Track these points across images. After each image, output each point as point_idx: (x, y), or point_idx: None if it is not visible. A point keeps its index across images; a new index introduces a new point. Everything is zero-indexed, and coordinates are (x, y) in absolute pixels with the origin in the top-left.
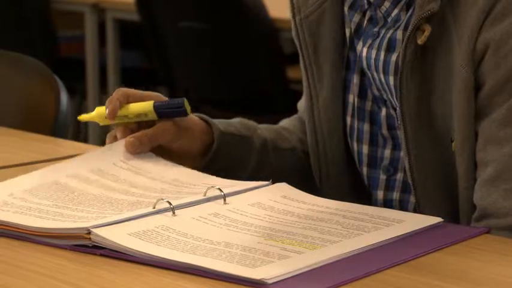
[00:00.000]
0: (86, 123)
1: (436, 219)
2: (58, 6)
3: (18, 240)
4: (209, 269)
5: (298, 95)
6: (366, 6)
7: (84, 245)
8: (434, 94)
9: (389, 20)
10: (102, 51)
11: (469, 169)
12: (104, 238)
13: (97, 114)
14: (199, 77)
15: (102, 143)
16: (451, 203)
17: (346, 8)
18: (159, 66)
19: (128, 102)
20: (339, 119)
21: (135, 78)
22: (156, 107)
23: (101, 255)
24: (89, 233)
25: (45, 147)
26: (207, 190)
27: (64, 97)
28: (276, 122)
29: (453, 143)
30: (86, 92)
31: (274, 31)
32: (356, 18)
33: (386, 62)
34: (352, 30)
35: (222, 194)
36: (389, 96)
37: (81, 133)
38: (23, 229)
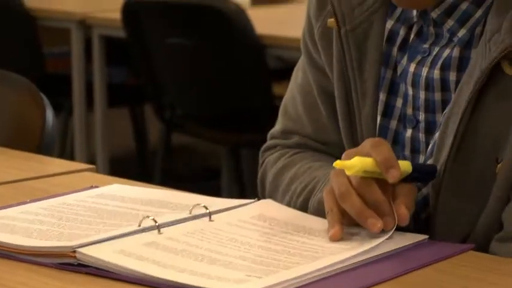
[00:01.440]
0: (72, 139)
1: (421, 237)
2: (44, 22)
3: (3, 258)
4: (194, 286)
5: None
6: (415, 19)
7: (69, 263)
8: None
9: (455, 39)
10: (89, 68)
11: (507, 190)
12: (89, 256)
13: (361, 164)
14: (186, 93)
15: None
16: (468, 220)
17: (392, 21)
18: (145, 83)
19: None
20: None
21: (122, 95)
22: (414, 170)
23: (87, 273)
24: (75, 251)
25: (31, 165)
26: (192, 208)
27: (50, 114)
28: (261, 138)
29: (499, 164)
30: (72, 108)
31: (260, 47)
32: (402, 31)
33: (443, 81)
34: (398, 44)
35: (208, 211)
36: (428, 116)
37: (67, 150)
38: (7, 247)
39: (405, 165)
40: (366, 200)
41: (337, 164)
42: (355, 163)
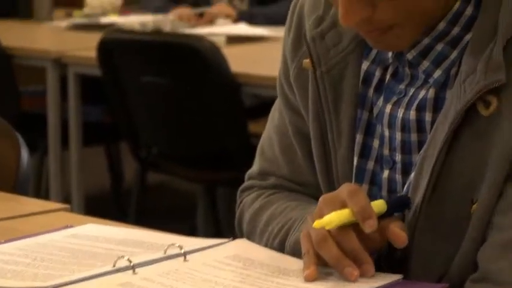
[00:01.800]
0: (47, 178)
1: (396, 276)
2: (20, 61)
3: None
4: None
5: None
6: (390, 61)
7: None
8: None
9: (430, 80)
10: (64, 106)
11: (482, 231)
12: None
13: (338, 219)
14: (161, 132)
15: (63, 199)
16: (443, 260)
17: (368, 62)
18: (121, 121)
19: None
20: (350, 180)
21: (97, 133)
22: (389, 207)
23: None
24: None
25: (6, 205)
26: (167, 248)
27: (25, 154)
28: (237, 177)
29: (474, 205)
30: (47, 147)
31: (235, 86)
32: (378, 72)
33: (419, 122)
34: (374, 84)
35: (182, 251)
36: (404, 157)
37: (42, 189)
38: None
39: (380, 206)
40: (343, 248)
41: (317, 224)
42: (332, 219)
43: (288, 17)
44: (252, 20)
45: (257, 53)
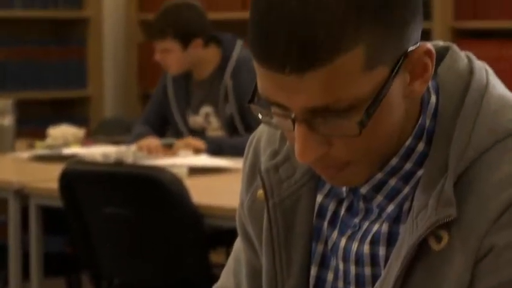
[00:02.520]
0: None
1: None
2: None
3: None
4: None
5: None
6: (345, 195)
7: None
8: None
9: (383, 215)
10: (25, 237)
11: None
12: None
13: None
14: (124, 263)
15: None
16: None
17: (322, 196)
18: (82, 252)
19: None
20: None
21: (59, 264)
22: None
23: None
24: None
25: None
26: None
27: None
28: None
29: None
30: (7, 278)
31: (197, 217)
32: (332, 206)
33: (373, 256)
34: (328, 218)
35: None
36: None
37: None
38: None
39: None
40: None
41: None
42: None
43: (245, 149)
44: (220, 152)
45: (219, 184)
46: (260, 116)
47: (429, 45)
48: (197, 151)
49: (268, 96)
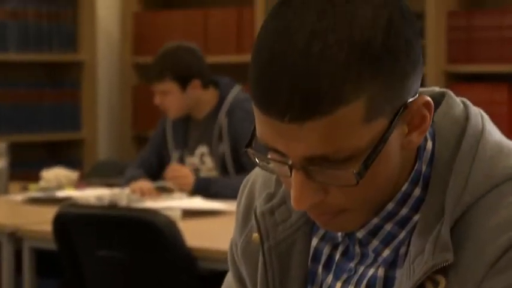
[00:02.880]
0: None
1: None
2: None
3: None
4: None
5: None
6: (340, 239)
7: None
8: None
9: (379, 259)
10: (19, 279)
11: None
12: None
13: None
14: None
15: None
16: None
17: (317, 239)
18: None
19: None
20: None
21: None
22: None
23: None
24: None
25: None
26: None
27: None
28: None
29: None
30: None
31: (191, 260)
32: (327, 250)
33: None
34: (323, 262)
35: None
36: None
37: None
38: None
39: None
40: None
41: None
42: None
43: (239, 191)
44: (206, 191)
45: (213, 227)
46: (257, 161)
47: (428, 97)
48: (183, 188)
49: (267, 142)
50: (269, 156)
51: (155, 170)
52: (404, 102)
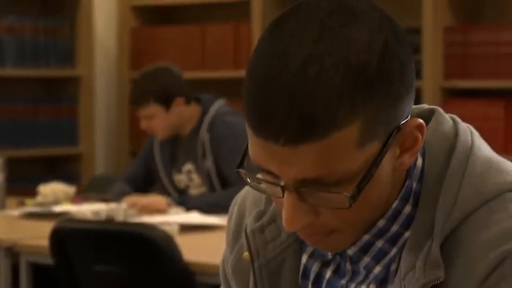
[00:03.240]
0: None
1: None
2: None
3: None
4: None
5: None
6: (330, 256)
7: None
8: None
9: (370, 276)
10: None
11: None
12: None
13: None
14: None
15: None
16: None
17: (306, 257)
18: None
19: None
20: None
21: None
22: None
23: None
24: None
25: None
26: None
27: None
28: None
29: None
30: None
31: (188, 274)
32: (316, 267)
33: None
34: (311, 279)
35: None
36: None
37: None
38: None
39: None
40: None
41: None
42: None
43: (230, 208)
44: (185, 205)
45: (210, 241)
46: (248, 181)
47: (420, 120)
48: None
49: (260, 163)
50: (261, 176)
51: (143, 185)
52: (397, 124)
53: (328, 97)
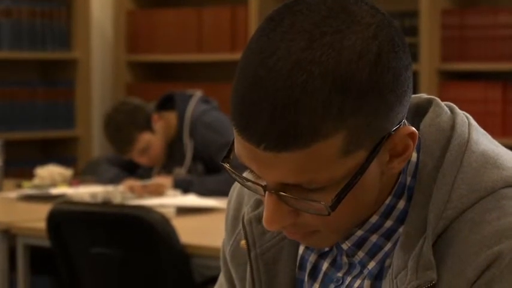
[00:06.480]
0: None
1: None
2: None
3: None
4: None
5: None
6: (327, 249)
7: None
8: None
9: (365, 271)
10: (13, 277)
11: None
12: None
13: None
14: None
15: None
16: None
17: (302, 248)
18: None
19: None
20: None
21: None
22: None
23: None
24: None
25: None
26: None
27: None
28: None
29: None
30: None
31: (185, 257)
32: (312, 258)
33: None
34: (308, 270)
35: None
36: None
37: None
38: None
39: None
40: None
41: None
42: None
43: (229, 193)
44: (188, 189)
45: (207, 224)
46: (233, 175)
47: (413, 128)
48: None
49: (243, 160)
50: (245, 174)
51: (130, 168)
52: (386, 133)
53: (313, 107)
